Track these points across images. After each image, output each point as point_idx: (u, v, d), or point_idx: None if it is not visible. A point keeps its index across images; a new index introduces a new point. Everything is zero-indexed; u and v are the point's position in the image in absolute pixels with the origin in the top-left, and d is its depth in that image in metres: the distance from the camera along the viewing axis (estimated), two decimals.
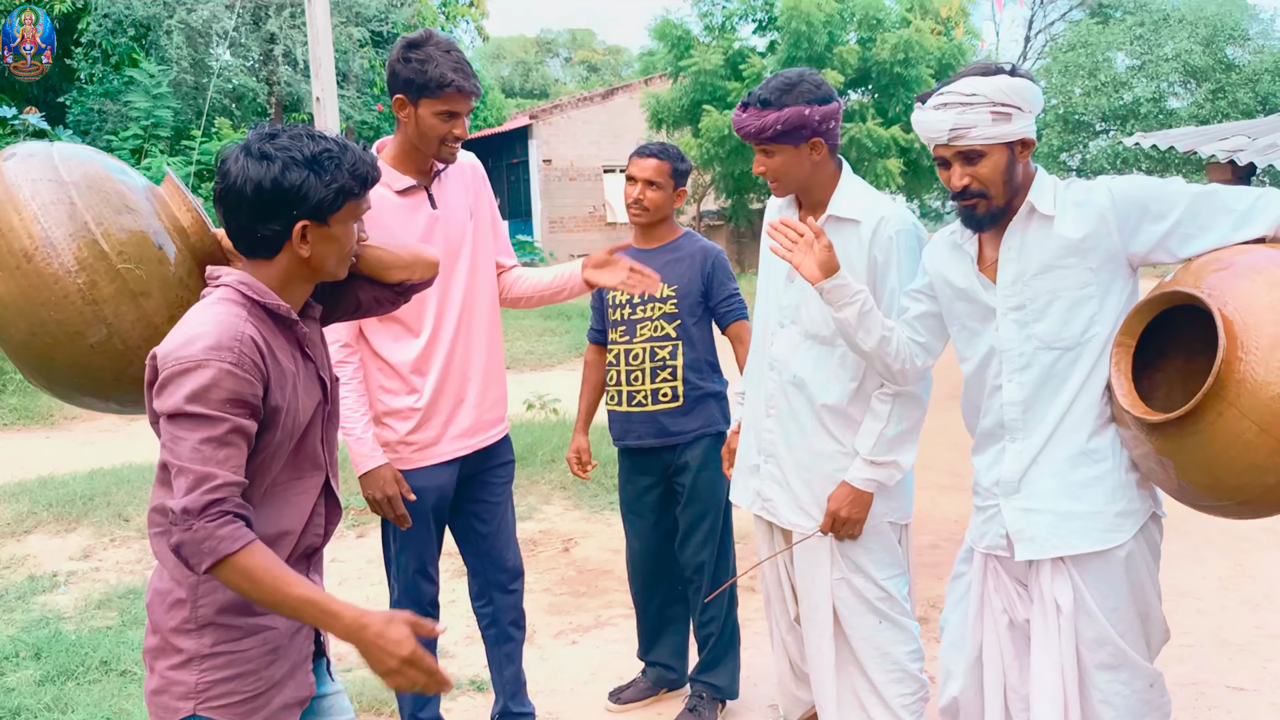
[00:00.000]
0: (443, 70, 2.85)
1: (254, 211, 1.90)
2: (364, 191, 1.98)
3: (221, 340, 1.83)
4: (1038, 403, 2.45)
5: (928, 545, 5.68)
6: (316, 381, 2.08)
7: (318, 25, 12.49)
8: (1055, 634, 2.43)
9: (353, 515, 6.48)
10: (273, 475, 1.99)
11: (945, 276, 2.60)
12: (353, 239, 2.02)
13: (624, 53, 45.67)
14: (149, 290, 2.05)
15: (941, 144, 2.40)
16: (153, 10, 17.60)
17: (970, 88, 2.35)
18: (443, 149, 2.95)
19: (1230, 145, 9.65)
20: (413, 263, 2.21)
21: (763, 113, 2.75)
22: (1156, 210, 2.32)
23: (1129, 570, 2.42)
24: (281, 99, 19.23)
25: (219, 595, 1.94)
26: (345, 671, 4.15)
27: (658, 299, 3.59)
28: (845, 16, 20.79)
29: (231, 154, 1.93)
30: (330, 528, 2.16)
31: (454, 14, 24.79)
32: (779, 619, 3.18)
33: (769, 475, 3.02)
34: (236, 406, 1.82)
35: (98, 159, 2.18)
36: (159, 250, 2.08)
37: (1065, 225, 2.38)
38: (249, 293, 1.94)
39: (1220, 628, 4.40)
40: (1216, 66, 26.37)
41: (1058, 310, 2.40)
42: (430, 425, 3.07)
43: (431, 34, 2.94)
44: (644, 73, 27.09)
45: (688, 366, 3.61)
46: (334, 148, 1.93)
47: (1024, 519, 2.47)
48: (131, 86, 16.62)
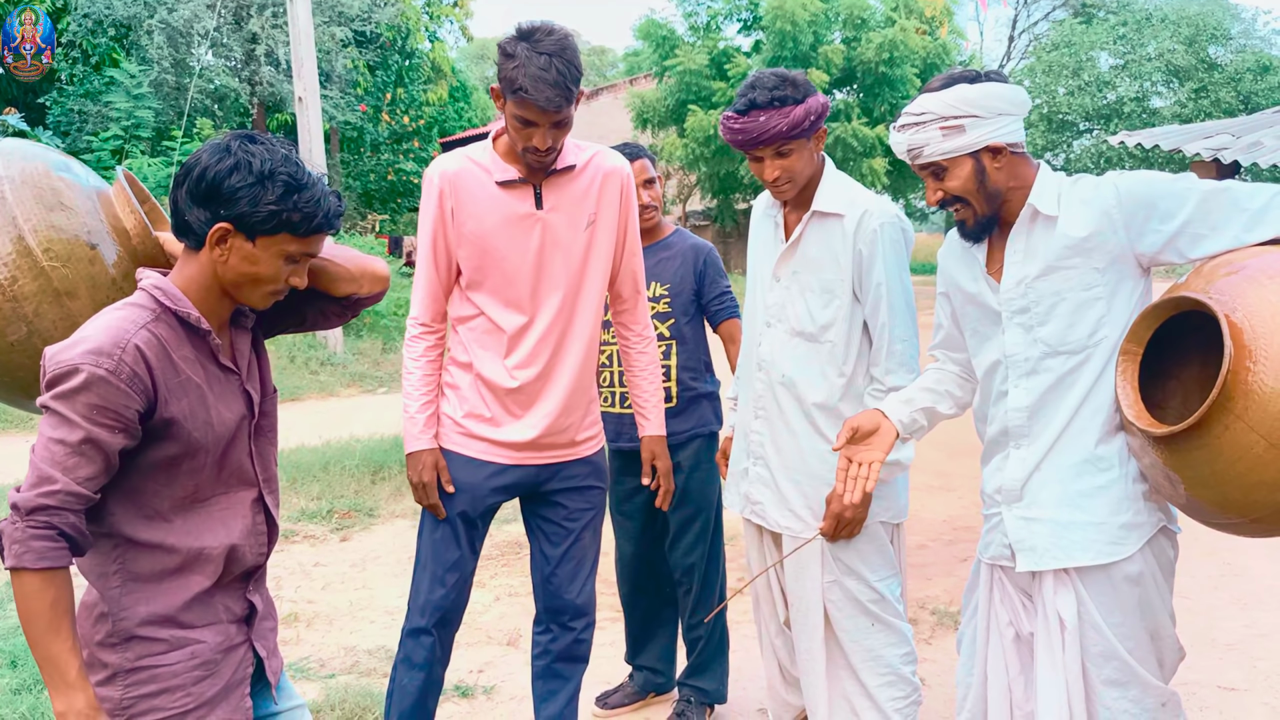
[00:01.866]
0: (521, 74, 2.58)
1: (190, 193, 1.87)
2: (304, 232, 1.89)
3: (102, 346, 1.77)
4: (1044, 408, 2.37)
5: (915, 545, 5.66)
6: (240, 394, 2.01)
7: (300, 25, 12.42)
8: (1059, 648, 2.34)
9: (336, 519, 6.43)
10: (191, 489, 1.94)
11: (956, 280, 2.55)
12: (279, 274, 1.92)
13: (609, 53, 45.64)
14: (75, 290, 2.03)
15: (911, 163, 2.41)
16: (133, 10, 17.46)
17: (920, 106, 2.34)
18: (525, 155, 2.71)
19: (1214, 144, 9.67)
20: (359, 275, 2.12)
21: (786, 110, 2.69)
22: (1165, 208, 2.23)
23: (1136, 586, 2.31)
24: (264, 99, 19.12)
25: (141, 608, 1.90)
26: (328, 678, 4.10)
27: (650, 298, 3.54)
28: (830, 16, 20.83)
29: (210, 140, 1.92)
30: (269, 545, 2.10)
31: (438, 14, 24.72)
32: (768, 622, 3.14)
33: (757, 478, 2.98)
34: (103, 415, 1.76)
35: (44, 156, 2.14)
36: (91, 250, 2.05)
37: (1069, 224, 2.30)
38: (161, 298, 1.88)
39: (1210, 627, 4.39)
40: (1199, 66, 26.54)
41: (1063, 312, 2.31)
42: (493, 409, 2.85)
43: (539, 29, 2.65)
44: (629, 73, 27.13)
45: (682, 366, 3.57)
46: (299, 177, 1.88)
47: (1025, 528, 2.39)
48: (112, 87, 16.49)
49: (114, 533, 1.89)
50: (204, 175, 1.85)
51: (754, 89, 2.73)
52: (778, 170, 2.76)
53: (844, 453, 2.50)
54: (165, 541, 1.91)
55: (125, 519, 1.89)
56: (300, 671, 4.19)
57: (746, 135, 2.72)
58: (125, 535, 1.89)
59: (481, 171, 2.78)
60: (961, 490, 6.66)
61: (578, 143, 2.86)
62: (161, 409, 1.84)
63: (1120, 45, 27.70)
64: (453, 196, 2.79)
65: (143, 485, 1.89)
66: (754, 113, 2.71)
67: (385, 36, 21.26)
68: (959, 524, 6.04)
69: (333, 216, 1.93)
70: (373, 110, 22.63)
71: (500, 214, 2.77)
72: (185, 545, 1.92)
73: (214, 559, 1.96)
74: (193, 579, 1.95)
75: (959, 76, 2.34)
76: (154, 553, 1.91)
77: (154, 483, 1.89)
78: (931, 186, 2.38)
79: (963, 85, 2.31)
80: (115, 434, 1.78)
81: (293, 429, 8.55)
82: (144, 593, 1.91)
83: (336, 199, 1.95)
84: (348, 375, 12.25)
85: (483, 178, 2.78)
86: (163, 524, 1.91)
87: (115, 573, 1.91)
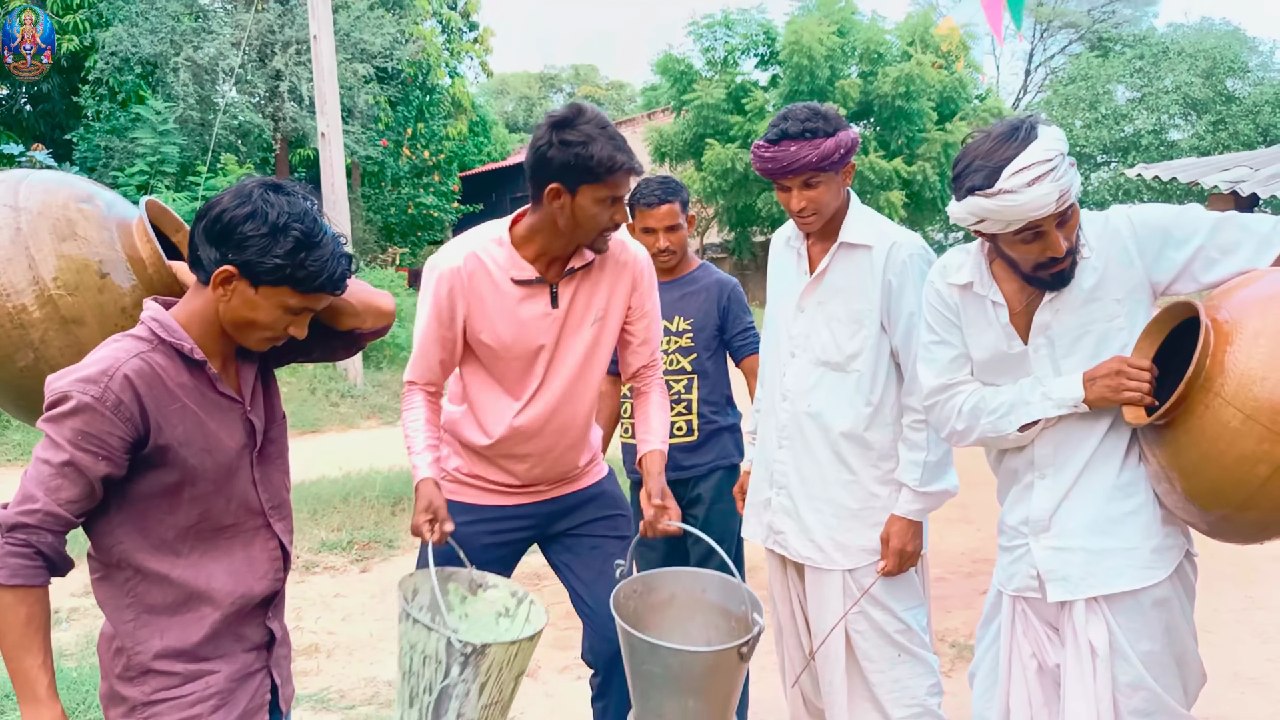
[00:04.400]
0: (608, 152, 2.51)
1: (205, 231, 1.90)
2: (307, 290, 1.92)
3: (92, 375, 1.82)
4: (1070, 439, 2.36)
5: (934, 578, 5.63)
6: (241, 422, 2.03)
7: (323, 62, 12.59)
8: (1091, 678, 2.32)
9: (356, 550, 6.45)
10: (196, 518, 1.96)
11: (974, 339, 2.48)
12: (277, 324, 1.95)
13: (627, 88, 45.98)
14: (82, 318, 2.07)
15: (1049, 214, 2.20)
16: (160, 48, 17.73)
17: (1038, 154, 2.18)
18: (602, 238, 2.65)
19: (1232, 176, 9.67)
20: (363, 311, 2.14)
21: (816, 141, 2.72)
22: (1179, 235, 2.27)
23: (1165, 611, 2.32)
24: (287, 135, 19.35)
25: (155, 641, 1.93)
26: (348, 709, 4.11)
27: (673, 332, 3.57)
28: (847, 50, 20.95)
29: (240, 182, 1.96)
30: (284, 572, 2.12)
31: (458, 50, 25.01)
32: (793, 654, 3.13)
33: (780, 507, 2.98)
34: (88, 442, 1.80)
35: (69, 187, 2.19)
36: (101, 279, 2.10)
37: (1088, 261, 2.33)
38: (157, 330, 1.92)
39: (1233, 661, 4.35)
40: (1217, 98, 26.51)
41: (1088, 344, 2.33)
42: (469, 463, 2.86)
43: (582, 110, 2.58)
44: (647, 107, 27.30)
45: (703, 400, 3.58)
46: (313, 234, 1.90)
47: (1055, 558, 2.37)
48: (138, 123, 16.72)
49: (126, 563, 1.92)
50: (220, 217, 1.89)
51: (786, 120, 2.76)
52: (805, 201, 2.78)
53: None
54: (174, 572, 1.93)
55: (135, 548, 1.91)
56: (320, 702, 4.20)
57: (777, 164, 2.74)
58: (136, 565, 1.92)
59: (497, 270, 2.70)
60: (980, 522, 6.63)
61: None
62: (155, 436, 1.87)
63: (1137, 78, 27.72)
64: (464, 298, 2.69)
65: (147, 513, 1.91)
66: (785, 142, 2.73)
67: (407, 73, 21.51)
68: (978, 556, 6.01)
69: (339, 279, 1.95)
70: (394, 145, 22.87)
71: (516, 318, 2.70)
72: (194, 575, 1.95)
73: (224, 590, 1.98)
74: (205, 610, 1.97)
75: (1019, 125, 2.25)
76: (164, 584, 1.93)
77: (158, 510, 1.92)
78: (1057, 236, 2.23)
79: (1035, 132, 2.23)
80: (98, 461, 1.81)
81: (314, 461, 8.60)
82: (157, 625, 1.94)
83: (346, 261, 1.97)
84: (368, 407, 12.31)
85: (498, 276, 2.69)
86: (170, 555, 1.94)
87: (129, 605, 1.93)
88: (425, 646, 2.32)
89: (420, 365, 2.77)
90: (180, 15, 18.33)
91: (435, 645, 2.30)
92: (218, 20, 18.59)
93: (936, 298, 2.53)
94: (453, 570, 2.67)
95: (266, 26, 18.36)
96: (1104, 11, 35.88)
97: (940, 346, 2.53)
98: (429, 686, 2.32)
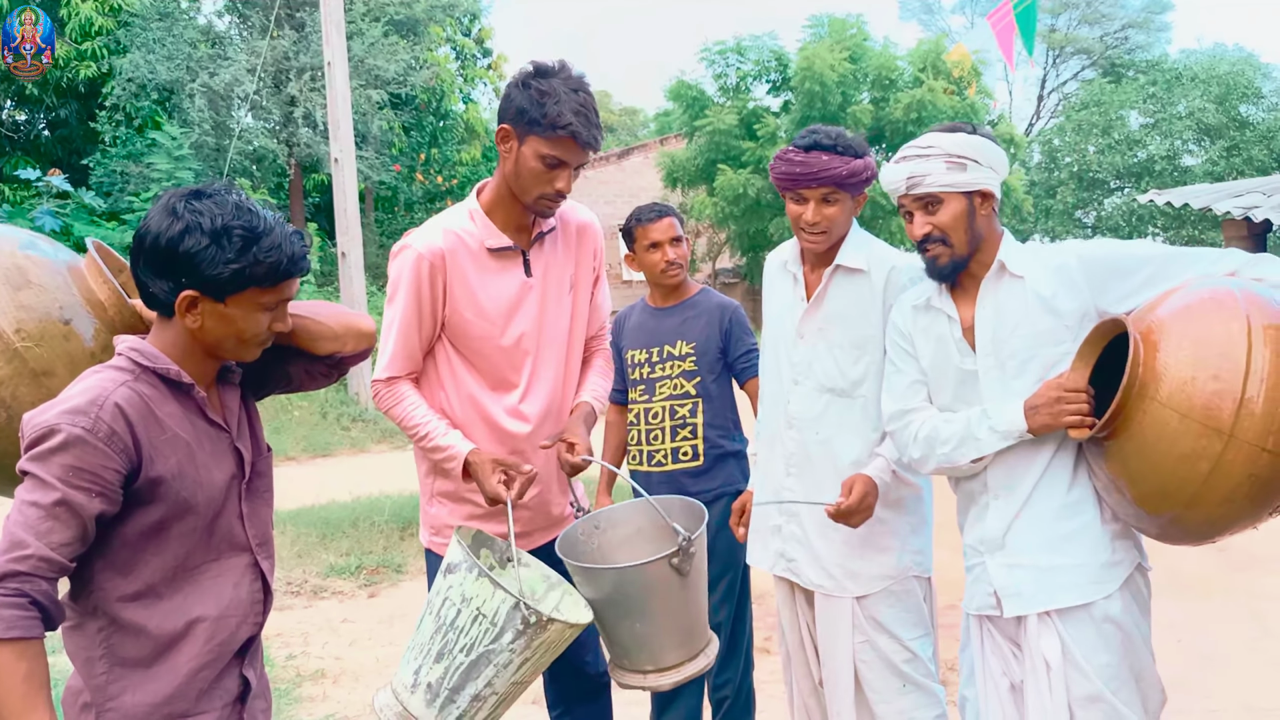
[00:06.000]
0: (563, 109, 2.44)
1: (147, 264, 1.79)
2: (274, 283, 1.82)
3: (80, 405, 1.70)
4: (1020, 462, 2.45)
5: (943, 606, 5.58)
6: (230, 452, 1.92)
7: (337, 88, 12.69)
8: (1047, 692, 2.39)
9: (365, 575, 6.44)
10: (182, 556, 1.84)
11: (917, 343, 2.63)
12: (259, 326, 1.86)
13: (639, 113, 46.12)
14: (52, 369, 1.96)
15: (901, 194, 2.52)
16: (176, 74, 17.89)
17: (928, 141, 2.50)
18: (540, 202, 2.57)
19: (1245, 202, 9.65)
20: (343, 333, 2.05)
21: (847, 159, 2.78)
22: (1125, 266, 2.40)
23: (1118, 624, 2.39)
24: (301, 160, 19.46)
25: (127, 697, 1.79)
26: None
27: (675, 356, 3.59)
28: (859, 77, 21.00)
29: (158, 199, 1.83)
30: (264, 615, 1.98)
31: (472, 76, 25.15)
32: (800, 682, 3.10)
33: (791, 535, 2.96)
34: (79, 477, 1.67)
35: (10, 236, 2.08)
36: (65, 326, 1.99)
37: (1036, 283, 2.45)
38: (138, 358, 1.82)
39: (1246, 691, 4.30)
40: (1230, 124, 26.48)
41: (1035, 369, 2.43)
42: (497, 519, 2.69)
43: (565, 65, 2.52)
44: (659, 133, 27.36)
45: (708, 424, 3.59)
46: (257, 225, 1.79)
47: (1009, 575, 2.47)
48: (154, 148, 16.84)
49: (101, 612, 1.79)
50: (157, 244, 1.77)
51: (817, 134, 2.84)
52: (820, 217, 2.81)
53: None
54: (150, 622, 1.80)
55: (113, 594, 1.79)
56: None
57: (807, 169, 2.77)
58: (112, 615, 1.79)
59: (474, 242, 2.64)
60: None
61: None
62: (147, 468, 1.76)
63: (1150, 104, 27.72)
64: (445, 277, 2.62)
65: (132, 555, 1.79)
66: (816, 152, 2.78)
67: (420, 99, 21.63)
68: None
69: (299, 258, 1.85)
70: (407, 170, 22.97)
71: (496, 290, 2.66)
72: (173, 621, 1.82)
73: (204, 633, 1.85)
74: (181, 660, 1.83)
75: (960, 126, 2.53)
76: (140, 635, 1.80)
77: (144, 553, 1.79)
78: (920, 220, 2.50)
79: (962, 133, 2.50)
80: (92, 498, 1.69)
81: (323, 484, 8.60)
82: (131, 680, 1.80)
83: (299, 238, 1.87)
84: (379, 431, 12.32)
85: (475, 248, 2.64)
86: (152, 599, 1.81)
87: (101, 657, 1.80)
88: (485, 604, 2.19)
89: (400, 356, 2.66)
90: (196, 42, 18.51)
91: (497, 605, 2.18)
92: (233, 47, 18.77)
93: (892, 327, 2.69)
94: (490, 538, 2.60)
95: (281, 53, 18.51)
96: (1117, 37, 35.91)
97: (897, 374, 2.66)
98: (470, 646, 2.20)
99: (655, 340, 3.64)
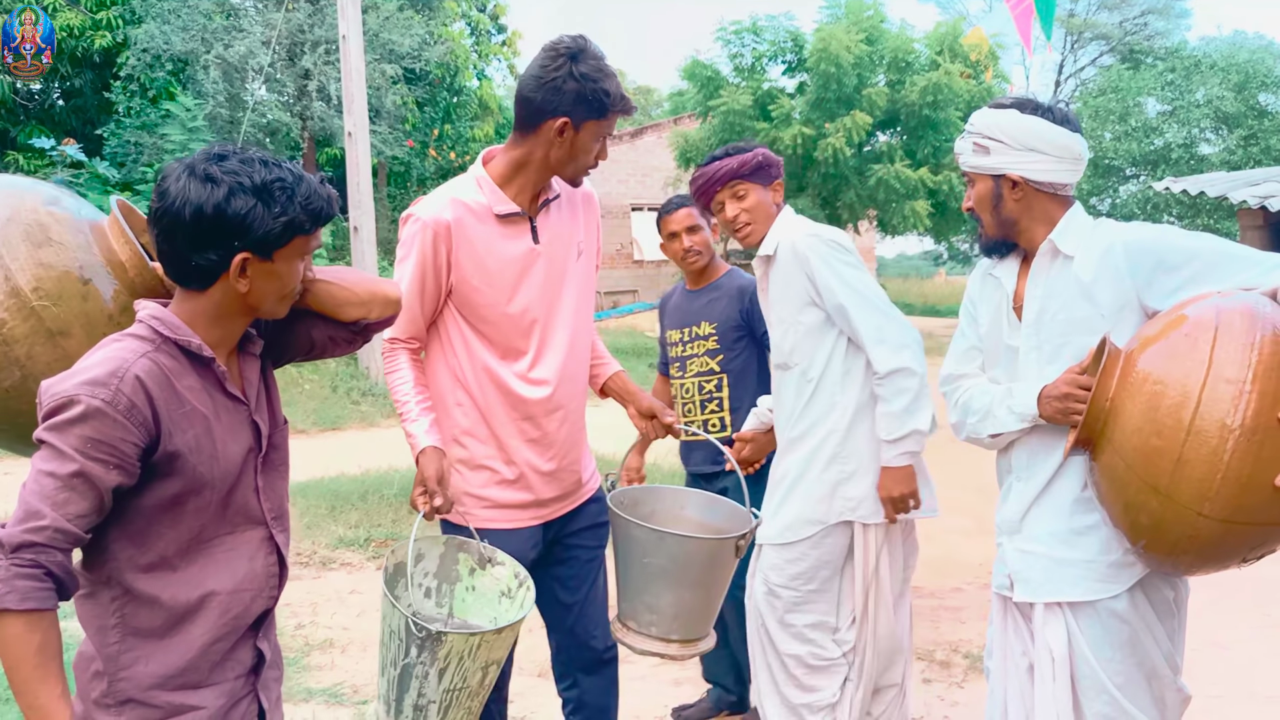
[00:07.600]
0: (611, 88, 2.54)
1: (191, 238, 1.73)
2: (315, 228, 1.81)
3: (99, 376, 1.67)
4: (1042, 448, 2.42)
5: (949, 589, 5.62)
6: (248, 425, 1.89)
7: (351, 62, 12.67)
8: (1050, 680, 2.38)
9: (373, 547, 6.49)
10: (197, 529, 1.81)
11: (979, 310, 2.62)
12: (297, 277, 1.85)
13: (654, 93, 45.94)
14: (68, 329, 1.92)
15: (961, 165, 2.53)
16: (191, 46, 17.89)
17: (974, 118, 2.48)
18: (582, 174, 2.71)
19: (1262, 191, 9.58)
20: (369, 299, 2.01)
21: (736, 156, 3.12)
22: (1171, 261, 2.26)
23: (1124, 624, 2.33)
24: (314, 134, 19.47)
25: (140, 667, 1.78)
26: (361, 703, 4.14)
27: (701, 336, 3.81)
28: (874, 59, 20.87)
29: (173, 172, 1.76)
30: (279, 588, 1.97)
31: (486, 52, 25.09)
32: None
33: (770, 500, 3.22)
34: (97, 449, 1.65)
35: (33, 190, 2.04)
36: (84, 286, 1.95)
37: (1081, 267, 2.36)
38: (159, 328, 1.78)
39: (1249, 679, 4.32)
40: (1248, 113, 26.26)
41: (1067, 356, 2.37)
42: (519, 485, 2.77)
43: (587, 42, 2.58)
44: (673, 112, 27.31)
45: (734, 398, 3.79)
46: (287, 176, 1.77)
47: (1022, 560, 2.46)
48: (168, 120, 16.88)
49: (115, 582, 1.77)
50: (201, 212, 1.72)
51: (714, 151, 3.20)
52: (737, 209, 3.13)
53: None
54: (165, 592, 1.79)
55: (127, 565, 1.77)
56: (334, 697, 4.23)
57: (707, 178, 3.14)
58: (126, 585, 1.77)
59: (481, 209, 2.67)
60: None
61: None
62: (165, 442, 1.73)
63: (1168, 91, 27.51)
64: (449, 245, 2.65)
65: (147, 527, 1.77)
66: (712, 163, 3.15)
67: (434, 74, 21.61)
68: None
69: (334, 200, 1.84)
70: (420, 146, 22.97)
71: (504, 256, 2.68)
72: (187, 593, 1.80)
73: (219, 606, 1.84)
74: (195, 632, 1.82)
75: (1020, 103, 2.43)
76: (154, 605, 1.78)
77: (159, 524, 1.77)
78: (968, 193, 2.51)
79: (1013, 112, 2.41)
80: (110, 470, 1.67)
81: (333, 458, 8.65)
82: (144, 649, 1.79)
83: (324, 177, 1.86)
84: (389, 406, 12.36)
85: (482, 215, 2.67)
86: (167, 571, 1.79)
87: (114, 626, 1.78)
88: (393, 621, 2.31)
89: (403, 320, 2.69)
90: (211, 13, 18.50)
91: (398, 622, 2.29)
92: (248, 19, 18.75)
93: (966, 290, 2.69)
94: (465, 540, 2.65)
95: (296, 26, 18.49)
96: (1136, 24, 35.67)
97: (959, 338, 2.67)
98: (394, 660, 2.32)
99: (686, 321, 3.89)
